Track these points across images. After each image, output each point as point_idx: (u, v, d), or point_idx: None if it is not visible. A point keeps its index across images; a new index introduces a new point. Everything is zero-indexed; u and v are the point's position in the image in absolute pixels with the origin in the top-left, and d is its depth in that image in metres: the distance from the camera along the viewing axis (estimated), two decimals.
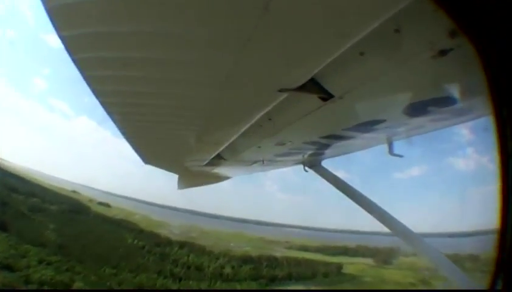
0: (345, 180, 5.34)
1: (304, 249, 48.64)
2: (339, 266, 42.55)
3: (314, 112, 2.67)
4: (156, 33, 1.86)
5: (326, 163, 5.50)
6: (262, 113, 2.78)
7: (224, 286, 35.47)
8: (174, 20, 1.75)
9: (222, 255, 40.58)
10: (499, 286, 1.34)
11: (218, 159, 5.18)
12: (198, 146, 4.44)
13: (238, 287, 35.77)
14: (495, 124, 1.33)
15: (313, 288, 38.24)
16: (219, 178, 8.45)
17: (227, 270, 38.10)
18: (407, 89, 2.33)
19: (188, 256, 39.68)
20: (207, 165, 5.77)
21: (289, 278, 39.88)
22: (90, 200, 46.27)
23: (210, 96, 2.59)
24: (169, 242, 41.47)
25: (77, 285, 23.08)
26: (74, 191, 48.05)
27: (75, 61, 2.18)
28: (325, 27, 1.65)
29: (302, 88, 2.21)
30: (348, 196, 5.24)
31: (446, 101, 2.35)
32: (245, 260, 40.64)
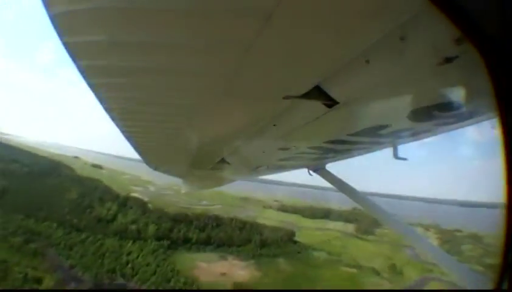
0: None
1: (284, 209, 45.78)
2: (291, 233, 39.85)
3: (318, 119, 2.67)
4: (158, 41, 1.86)
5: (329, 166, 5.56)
6: (267, 120, 2.81)
7: (116, 243, 35.80)
8: (176, 28, 1.73)
9: (158, 212, 40.30)
10: (505, 286, 1.33)
11: (222, 163, 5.18)
12: (202, 152, 4.45)
13: (129, 244, 35.48)
14: (501, 131, 1.34)
15: (229, 256, 35.56)
16: (223, 181, 8.46)
17: (133, 227, 37.65)
18: (412, 95, 2.34)
19: (108, 210, 39.77)
20: (211, 169, 5.79)
21: (207, 242, 37.82)
22: (85, 163, 50.96)
23: (213, 104, 2.57)
24: (116, 197, 42.33)
25: None
26: (76, 157, 52.01)
27: (79, 67, 2.17)
28: (329, 36, 1.65)
29: (307, 95, 2.21)
30: (352, 198, 5.37)
31: (451, 106, 2.38)
32: (177, 219, 39.82)
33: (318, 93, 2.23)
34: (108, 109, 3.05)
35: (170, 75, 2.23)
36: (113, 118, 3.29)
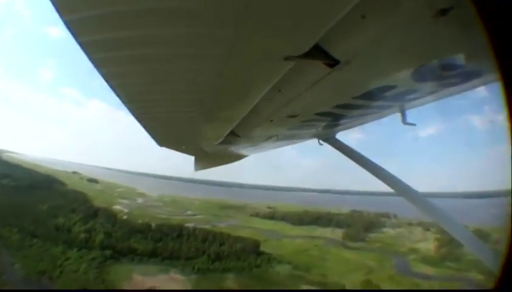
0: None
1: (271, 217, 44.22)
2: (256, 244, 37.91)
3: (322, 81, 2.70)
4: (155, 9, 1.87)
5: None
6: (270, 84, 2.78)
7: (60, 249, 37.32)
8: None
9: (122, 223, 40.41)
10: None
11: (232, 136, 5.09)
12: (210, 124, 4.35)
13: (73, 251, 36.84)
14: (500, 79, 1.32)
15: (172, 270, 35.10)
16: (235, 157, 8.32)
17: (82, 236, 39.17)
18: (412, 51, 2.36)
19: (66, 220, 41.44)
20: (221, 143, 5.63)
21: (154, 255, 37.42)
22: (81, 178, 53.22)
23: (215, 69, 2.55)
24: (89, 208, 44.01)
25: None
26: (74, 172, 54.06)
27: (81, 44, 2.15)
28: None
29: (307, 55, 2.20)
30: (364, 167, 5.41)
31: (452, 63, 2.44)
32: (135, 229, 40.11)
33: (318, 52, 2.26)
34: (113, 86, 2.96)
35: (170, 44, 2.22)
36: (118, 95, 3.20)
